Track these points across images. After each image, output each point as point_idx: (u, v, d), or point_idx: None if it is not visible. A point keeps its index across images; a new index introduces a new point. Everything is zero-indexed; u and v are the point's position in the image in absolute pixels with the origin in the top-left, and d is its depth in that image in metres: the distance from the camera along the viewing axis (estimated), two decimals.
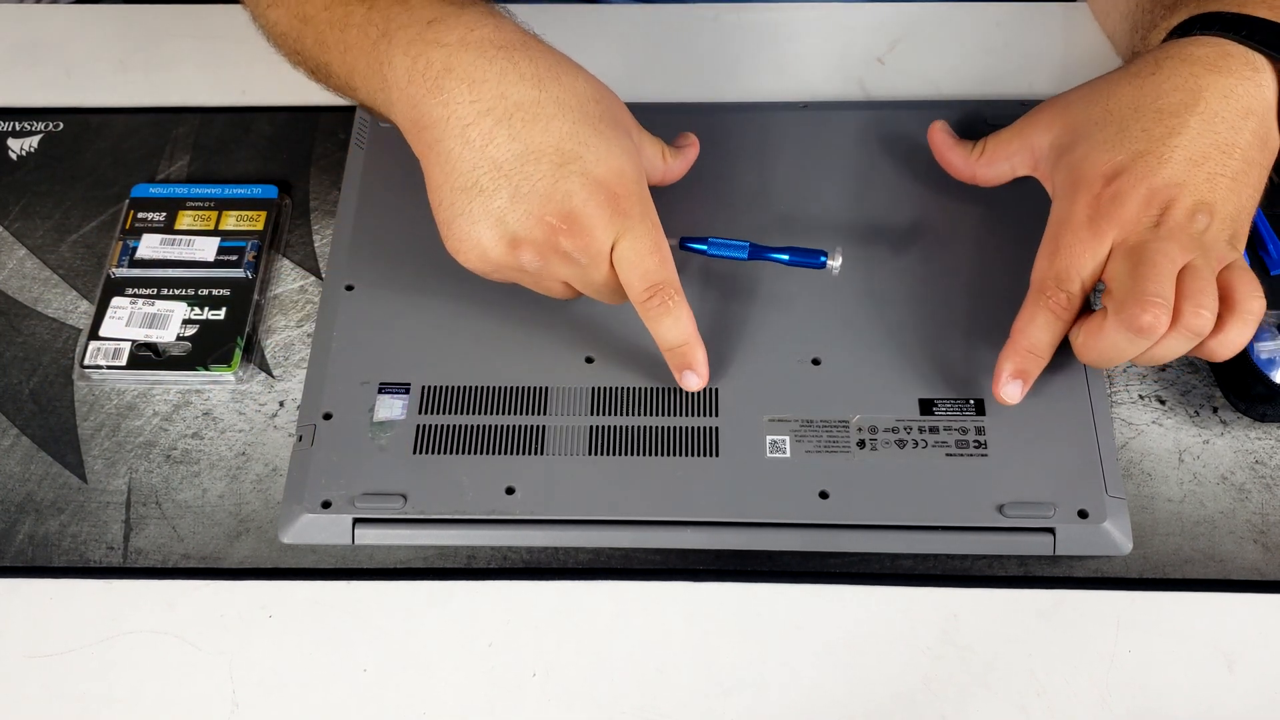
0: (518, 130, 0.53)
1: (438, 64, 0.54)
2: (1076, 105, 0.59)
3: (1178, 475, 0.58)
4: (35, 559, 0.57)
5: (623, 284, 0.55)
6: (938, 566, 0.56)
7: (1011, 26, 0.76)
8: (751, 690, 0.53)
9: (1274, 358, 0.59)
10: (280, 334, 0.64)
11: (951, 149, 0.64)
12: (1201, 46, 0.57)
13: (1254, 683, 0.53)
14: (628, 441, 0.58)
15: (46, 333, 0.64)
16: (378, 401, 0.59)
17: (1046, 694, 0.53)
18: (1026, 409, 0.58)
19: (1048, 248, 0.56)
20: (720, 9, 0.78)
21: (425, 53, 0.54)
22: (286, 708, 0.53)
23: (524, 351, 0.61)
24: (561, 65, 0.56)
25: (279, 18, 0.61)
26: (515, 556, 0.57)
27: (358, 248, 0.65)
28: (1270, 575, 0.56)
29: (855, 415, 0.58)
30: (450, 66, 0.54)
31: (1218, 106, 0.55)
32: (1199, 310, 0.52)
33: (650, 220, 0.55)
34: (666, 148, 0.63)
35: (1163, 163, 0.55)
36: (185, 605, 0.56)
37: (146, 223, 0.67)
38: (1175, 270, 0.53)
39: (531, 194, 0.53)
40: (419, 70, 0.54)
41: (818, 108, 0.70)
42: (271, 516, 0.58)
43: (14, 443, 0.61)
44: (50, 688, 0.54)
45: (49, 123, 0.73)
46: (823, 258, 0.59)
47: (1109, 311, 0.54)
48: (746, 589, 0.56)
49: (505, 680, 0.54)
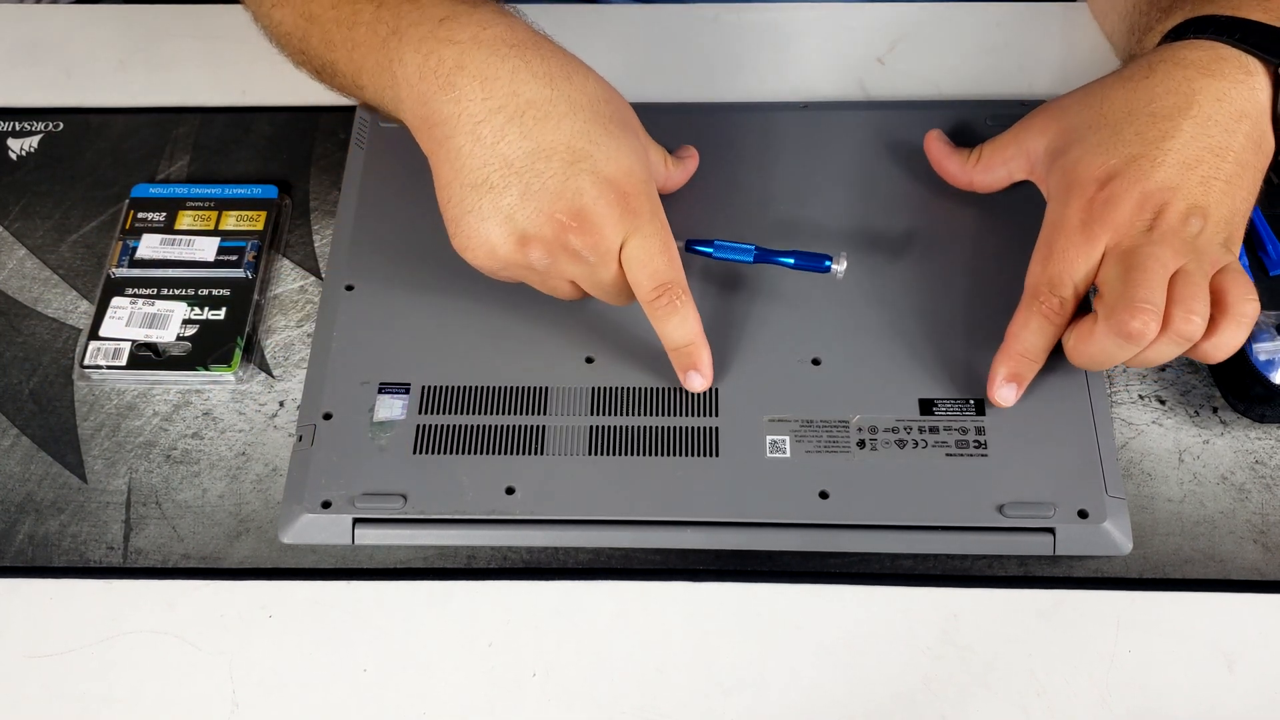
0: (529, 128, 0.53)
1: (450, 61, 0.54)
2: (1071, 109, 0.59)
3: (1178, 475, 0.58)
4: (35, 559, 0.57)
5: (631, 283, 0.55)
6: (938, 566, 0.56)
7: (1011, 26, 0.76)
8: (751, 690, 0.53)
9: (1273, 359, 0.59)
10: (280, 334, 0.64)
11: (948, 157, 0.64)
12: (1195, 50, 0.57)
13: (1254, 683, 0.53)
14: (628, 441, 0.58)
15: (46, 333, 0.64)
16: (378, 401, 0.59)
17: (1046, 694, 0.53)
18: (1026, 409, 0.58)
19: (1041, 252, 0.57)
20: (720, 9, 0.78)
21: (437, 50, 0.54)
22: (286, 708, 0.53)
23: (524, 351, 0.61)
24: (572, 65, 0.56)
25: (283, 17, 0.61)
26: (515, 556, 0.57)
27: (358, 248, 0.65)
28: (1270, 575, 0.56)
29: (855, 415, 0.58)
30: (462, 64, 0.54)
31: (1211, 110, 0.55)
32: (1189, 316, 0.52)
33: (659, 220, 0.55)
34: (668, 156, 0.63)
35: (1156, 166, 0.55)
36: (185, 605, 0.56)
37: (146, 223, 0.67)
38: (1167, 275, 0.53)
39: (542, 191, 0.53)
40: (430, 67, 0.54)
41: (818, 108, 0.70)
42: (271, 516, 0.58)
43: (14, 443, 0.61)
44: (50, 688, 0.54)
45: (49, 123, 0.73)
46: (827, 262, 0.59)
47: (1099, 316, 0.54)
48: (746, 589, 0.56)
49: (505, 680, 0.54)
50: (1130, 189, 0.55)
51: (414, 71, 0.55)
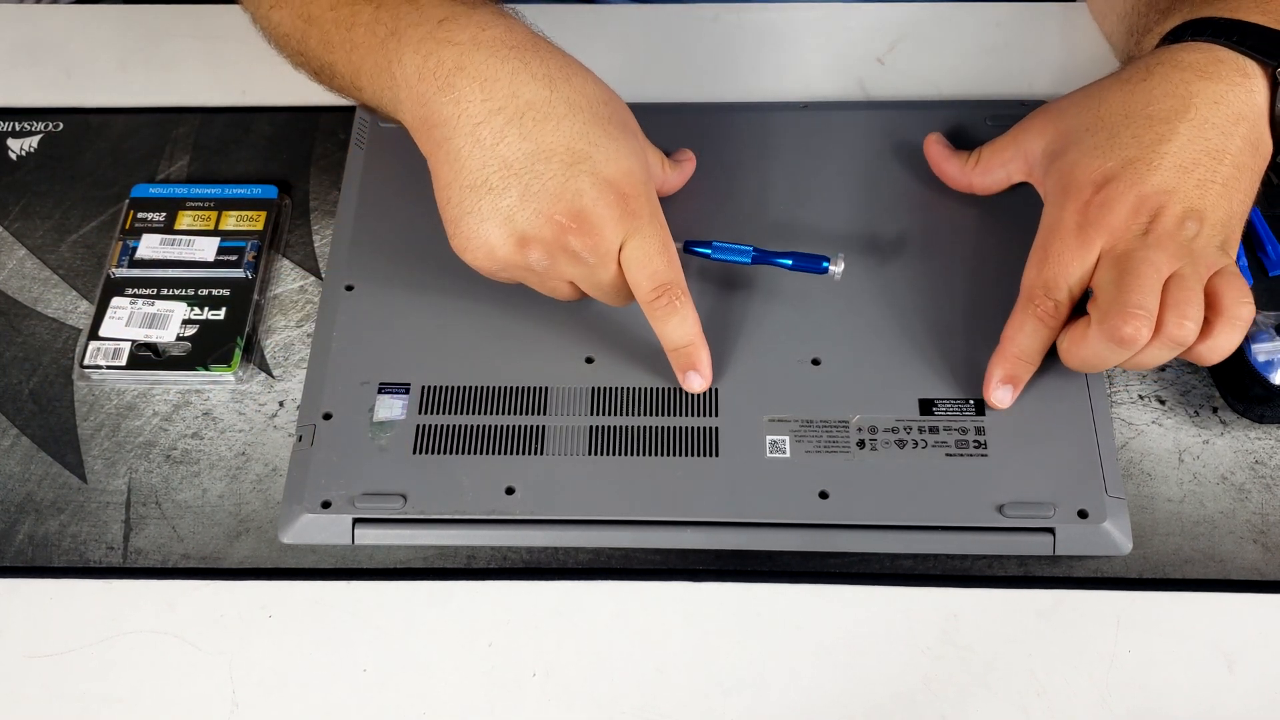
0: (529, 129, 0.53)
1: (449, 62, 0.54)
2: (1069, 111, 0.59)
3: (1178, 475, 0.58)
4: (35, 559, 0.57)
5: (630, 284, 0.55)
6: (938, 566, 0.56)
7: (1011, 26, 0.76)
8: (751, 690, 0.53)
9: (1272, 359, 0.59)
10: (280, 334, 0.64)
11: (947, 160, 0.64)
12: (1192, 52, 0.57)
13: (1254, 683, 0.53)
14: (628, 441, 0.58)
15: (46, 333, 0.64)
16: (378, 401, 0.59)
17: (1046, 694, 0.53)
18: (1026, 409, 0.58)
19: (1037, 255, 0.57)
20: (720, 9, 0.78)
21: (436, 51, 0.54)
22: (286, 708, 0.53)
23: (524, 351, 0.61)
24: (571, 67, 0.56)
25: (282, 19, 0.61)
26: (515, 556, 0.57)
27: (358, 248, 0.65)
28: (1270, 575, 0.56)
29: (855, 415, 0.58)
30: (462, 65, 0.54)
31: (1208, 113, 0.55)
32: (1182, 321, 0.52)
33: (658, 221, 0.55)
34: (666, 159, 0.63)
35: (1152, 170, 0.55)
36: (185, 605, 0.56)
37: (146, 223, 0.67)
38: (1161, 279, 0.53)
39: (541, 193, 0.53)
40: (430, 68, 0.54)
41: (818, 108, 0.70)
42: (271, 516, 0.58)
43: (14, 443, 0.61)
44: (50, 688, 0.54)
45: (49, 123, 0.73)
46: (825, 263, 0.60)
47: (1093, 320, 0.54)
48: (746, 589, 0.56)
49: (505, 680, 0.54)
50: (1126, 192, 0.55)
51: (413, 73, 0.55)
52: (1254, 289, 0.55)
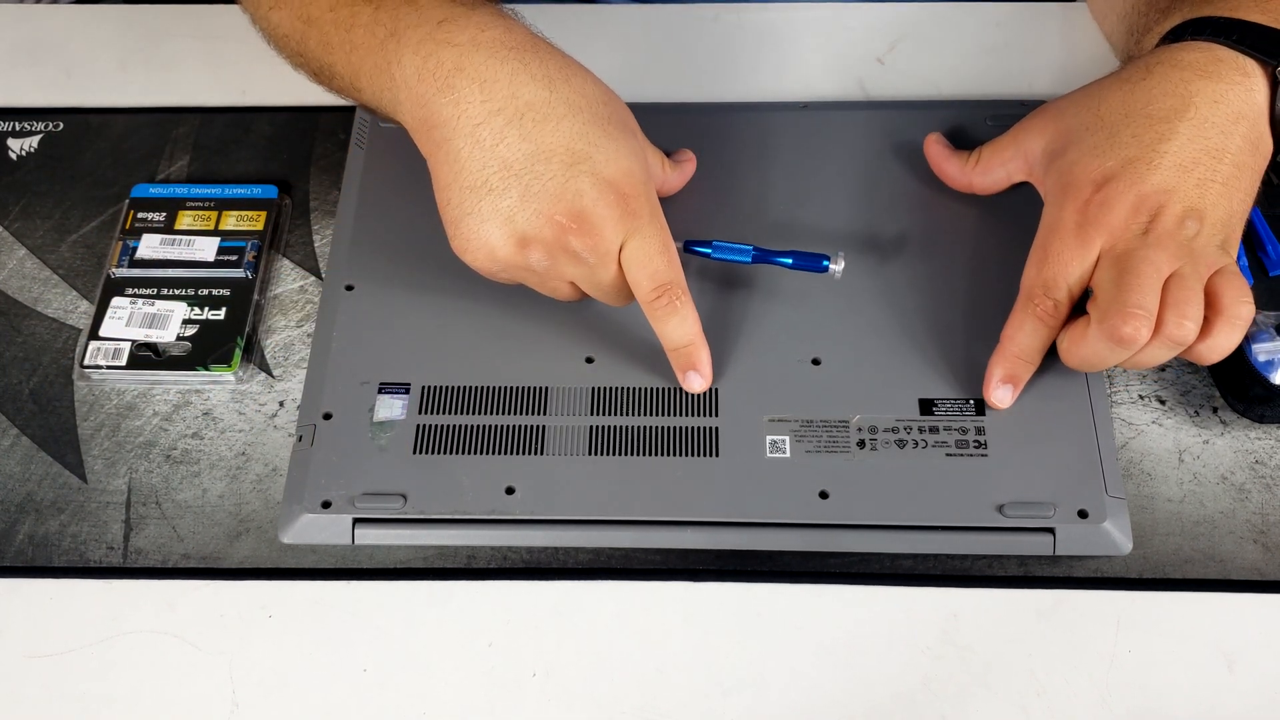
0: (529, 130, 0.53)
1: (449, 63, 0.54)
2: (1068, 111, 0.59)
3: (1178, 475, 0.58)
4: (35, 559, 0.57)
5: (630, 284, 0.55)
6: (938, 566, 0.56)
7: (1011, 26, 0.76)
8: (751, 690, 0.53)
9: (1272, 359, 0.59)
10: (280, 334, 0.64)
11: (947, 160, 0.64)
12: (1192, 52, 0.57)
13: (1254, 683, 0.53)
14: (628, 441, 0.58)
15: (46, 333, 0.64)
16: (378, 401, 0.59)
17: (1046, 694, 0.53)
18: (1026, 409, 0.58)
19: (1037, 254, 0.57)
20: (720, 9, 0.78)
21: (436, 52, 0.54)
22: (286, 708, 0.53)
23: (524, 351, 0.61)
24: (570, 68, 0.56)
25: (281, 20, 0.61)
26: (515, 556, 0.57)
27: (358, 248, 0.65)
28: (1270, 575, 0.56)
29: (855, 415, 0.58)
30: (461, 66, 0.54)
31: (1208, 112, 0.55)
32: (1182, 321, 0.52)
33: (658, 221, 0.55)
34: (666, 159, 0.63)
35: (1152, 169, 0.55)
36: (185, 605, 0.56)
37: (146, 223, 0.67)
38: (1161, 279, 0.53)
39: (542, 193, 0.53)
40: (429, 69, 0.54)
41: (818, 108, 0.70)
42: (271, 516, 0.58)
43: (14, 443, 0.61)
44: (50, 688, 0.54)
45: (49, 123, 0.73)
46: (825, 262, 0.60)
47: (1092, 320, 0.54)
48: (746, 589, 0.56)
49: (505, 680, 0.54)
50: (1126, 192, 0.55)
51: (412, 73, 0.55)
52: (1254, 289, 0.55)
